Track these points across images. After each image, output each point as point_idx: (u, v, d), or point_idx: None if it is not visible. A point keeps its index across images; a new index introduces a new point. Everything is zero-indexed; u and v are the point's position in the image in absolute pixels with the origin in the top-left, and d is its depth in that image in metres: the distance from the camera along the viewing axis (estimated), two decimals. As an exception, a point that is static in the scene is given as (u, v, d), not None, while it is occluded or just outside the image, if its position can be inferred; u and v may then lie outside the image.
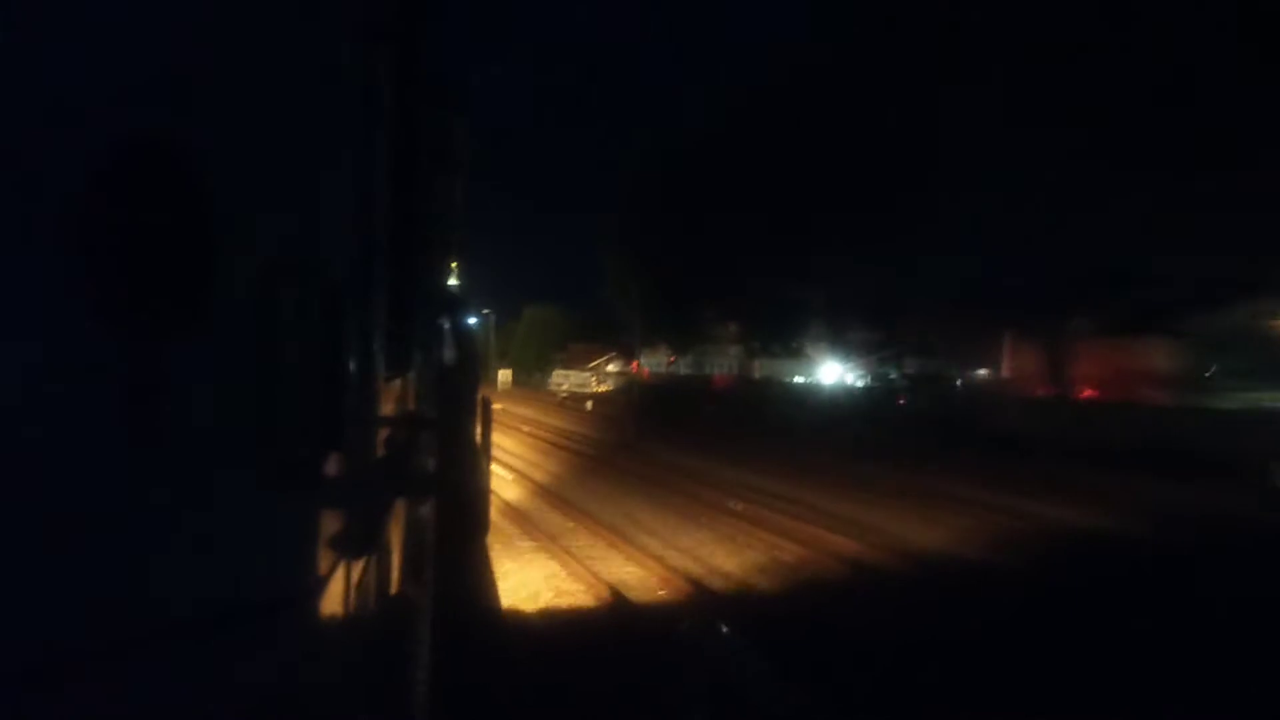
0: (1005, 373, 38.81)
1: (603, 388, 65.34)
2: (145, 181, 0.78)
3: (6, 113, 0.66)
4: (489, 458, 4.21)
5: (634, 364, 65.42)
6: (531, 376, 77.47)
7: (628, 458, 21.94)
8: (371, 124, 1.45)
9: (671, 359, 63.30)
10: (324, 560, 1.11)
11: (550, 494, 15.63)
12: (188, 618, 0.82)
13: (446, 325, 3.49)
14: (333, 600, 1.17)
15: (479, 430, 4.11)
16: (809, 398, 40.51)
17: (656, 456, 22.38)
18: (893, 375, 43.71)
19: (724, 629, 2.84)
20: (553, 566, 10.38)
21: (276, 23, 0.99)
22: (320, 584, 1.09)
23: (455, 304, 3.74)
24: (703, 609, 8.90)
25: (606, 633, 8.49)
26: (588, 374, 69.95)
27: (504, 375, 73.96)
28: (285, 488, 0.98)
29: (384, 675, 1.81)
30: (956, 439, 25.41)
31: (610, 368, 72.78)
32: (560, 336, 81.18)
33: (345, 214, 1.30)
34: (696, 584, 9.56)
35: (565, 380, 68.41)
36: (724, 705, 2.58)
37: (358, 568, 1.37)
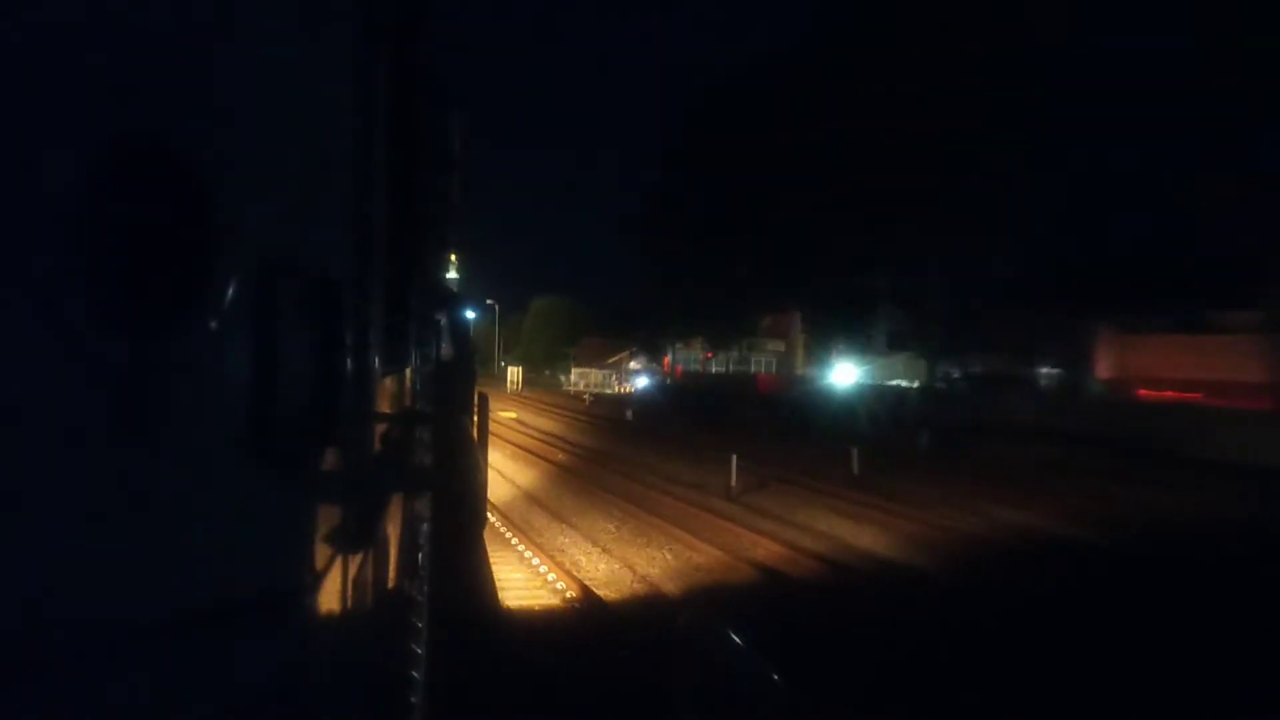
0: (1106, 372, 30.93)
1: (625, 388, 56.74)
2: (142, 179, 0.78)
3: (2, 111, 0.66)
4: (486, 453, 4.22)
5: (665, 361, 57.36)
6: (541, 374, 68.85)
7: (780, 536, 12.64)
8: (369, 120, 1.45)
9: (708, 355, 55.56)
10: (320, 555, 1.11)
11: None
12: (181, 613, 0.82)
13: (444, 321, 3.49)
14: (329, 596, 1.18)
15: (475, 425, 4.13)
16: (903, 404, 31.54)
17: (817, 531, 13.25)
18: (955, 374, 36.70)
19: (720, 624, 2.84)
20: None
21: (274, 20, 0.99)
22: (316, 580, 1.09)
23: (453, 299, 3.74)
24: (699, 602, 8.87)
25: (605, 628, 8.49)
26: (607, 372, 61.56)
27: (513, 374, 64.21)
28: (281, 483, 0.99)
29: (381, 671, 1.81)
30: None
31: (632, 365, 63.04)
32: (572, 330, 72.64)
33: (343, 210, 1.30)
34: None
35: (583, 379, 60.06)
36: (717, 701, 2.59)
37: (354, 563, 1.37)
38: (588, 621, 8.85)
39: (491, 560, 5.79)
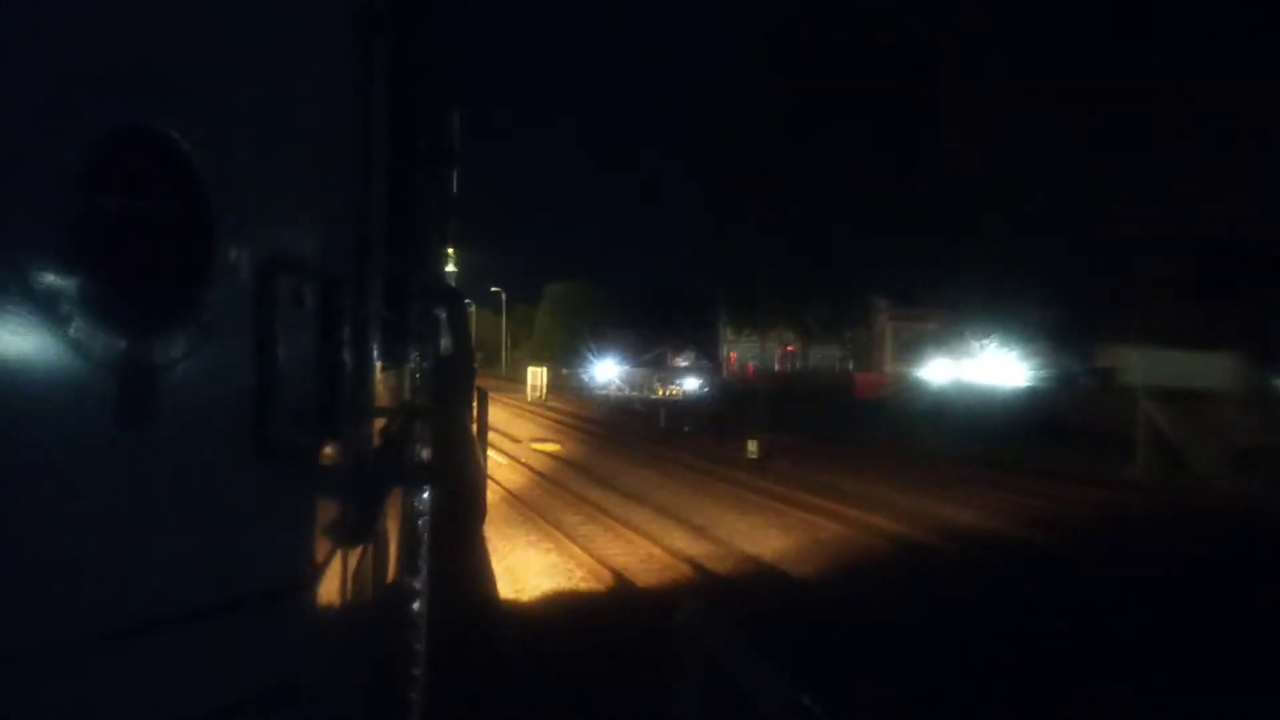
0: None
1: (672, 391, 41.30)
2: (140, 176, 0.77)
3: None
4: (485, 447, 4.23)
5: (731, 356, 45.34)
6: (559, 373, 55.36)
7: None
8: (368, 115, 1.45)
9: (788, 348, 44.22)
10: (320, 550, 1.11)
11: None
12: (180, 608, 0.82)
13: (443, 315, 3.48)
14: (328, 590, 1.18)
15: (475, 420, 4.13)
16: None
17: None
18: (1076, 369, 28.10)
19: (722, 619, 2.84)
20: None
21: (273, 14, 0.99)
22: (316, 574, 1.09)
23: (452, 294, 3.74)
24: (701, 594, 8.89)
25: (605, 622, 8.51)
26: (647, 371, 45.68)
27: (535, 375, 48.09)
28: (281, 477, 0.98)
29: (380, 666, 1.81)
30: None
31: (679, 361, 48.17)
32: (595, 320, 58.70)
33: (342, 206, 1.30)
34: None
35: (619, 379, 45.38)
36: (719, 696, 2.59)
37: (354, 557, 1.37)
38: (589, 609, 8.88)
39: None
